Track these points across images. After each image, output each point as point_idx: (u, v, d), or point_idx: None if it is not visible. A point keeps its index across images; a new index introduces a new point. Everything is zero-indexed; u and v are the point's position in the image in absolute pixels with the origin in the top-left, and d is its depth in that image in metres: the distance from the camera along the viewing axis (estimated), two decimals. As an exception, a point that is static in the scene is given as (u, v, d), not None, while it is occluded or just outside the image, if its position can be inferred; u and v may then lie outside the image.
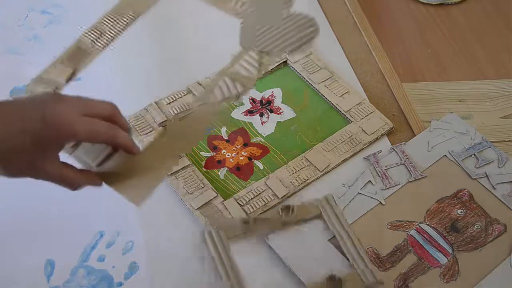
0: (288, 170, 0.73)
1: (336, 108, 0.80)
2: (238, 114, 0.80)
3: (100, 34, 0.70)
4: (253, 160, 0.75)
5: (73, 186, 0.52)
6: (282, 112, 0.80)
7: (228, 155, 0.75)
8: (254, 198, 0.70)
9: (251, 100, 0.81)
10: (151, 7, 0.72)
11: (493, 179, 0.72)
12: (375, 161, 0.74)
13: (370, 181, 0.72)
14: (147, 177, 0.56)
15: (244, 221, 0.67)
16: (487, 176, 0.73)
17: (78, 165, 0.54)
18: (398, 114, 0.80)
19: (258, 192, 0.71)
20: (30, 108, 0.48)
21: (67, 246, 0.68)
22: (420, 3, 0.99)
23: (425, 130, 0.78)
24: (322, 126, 0.78)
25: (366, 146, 0.76)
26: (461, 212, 0.70)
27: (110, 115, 0.53)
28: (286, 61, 0.84)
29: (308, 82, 0.83)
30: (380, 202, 0.71)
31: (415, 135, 0.78)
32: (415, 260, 0.66)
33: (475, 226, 0.69)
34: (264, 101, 0.81)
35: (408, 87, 0.84)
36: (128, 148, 0.54)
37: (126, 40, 0.88)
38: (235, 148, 0.76)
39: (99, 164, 0.55)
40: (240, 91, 0.64)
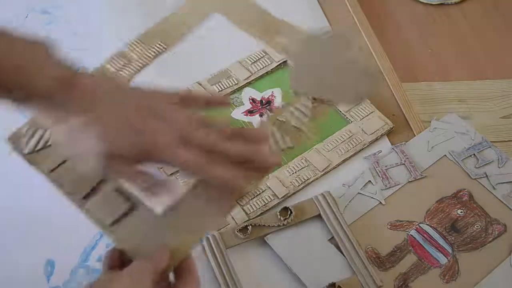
0: (288, 170, 0.73)
1: (336, 108, 0.80)
2: (238, 114, 0.80)
3: (127, 62, 0.61)
4: (253, 160, 0.75)
5: None
6: (282, 112, 0.80)
7: (228, 155, 0.75)
8: (254, 198, 0.70)
9: (251, 100, 0.81)
10: (180, 40, 0.62)
11: (493, 179, 0.72)
12: (375, 161, 0.74)
13: (370, 181, 0.72)
14: (174, 244, 0.47)
15: (243, 232, 0.66)
16: (487, 176, 0.73)
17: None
18: (398, 114, 0.80)
19: (258, 192, 0.71)
20: None
21: (67, 246, 0.68)
22: (420, 3, 0.98)
23: (425, 130, 0.78)
24: (322, 126, 0.78)
25: (366, 146, 0.76)
26: (461, 212, 0.70)
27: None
28: (286, 61, 0.84)
29: (308, 82, 0.83)
30: (380, 202, 0.71)
31: (415, 135, 0.78)
32: (415, 260, 0.66)
33: (475, 226, 0.69)
34: (264, 101, 0.81)
35: (408, 87, 0.84)
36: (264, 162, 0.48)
37: (127, 39, 0.88)
38: (235, 148, 0.76)
39: (114, 223, 0.48)
40: (288, 146, 0.54)
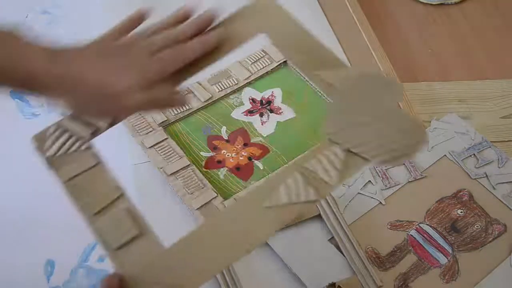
0: (288, 170, 0.73)
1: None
2: (238, 114, 0.80)
3: None
4: (253, 160, 0.75)
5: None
6: (282, 112, 0.80)
7: (228, 155, 0.75)
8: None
9: (251, 100, 0.81)
10: (227, 53, 0.56)
11: (493, 179, 0.72)
12: (375, 161, 0.74)
13: (370, 181, 0.72)
14: (181, 277, 0.45)
15: None
16: (487, 176, 0.73)
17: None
18: (398, 114, 0.80)
19: (258, 192, 0.70)
20: None
21: (67, 246, 0.68)
22: (420, 3, 0.98)
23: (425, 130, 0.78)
24: (322, 126, 0.78)
25: (366, 146, 0.76)
26: (461, 212, 0.70)
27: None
28: (286, 61, 0.84)
29: (308, 82, 0.83)
30: (380, 202, 0.71)
31: (415, 135, 0.77)
32: (415, 260, 0.66)
33: (475, 226, 0.69)
34: (264, 101, 0.81)
35: (408, 87, 0.84)
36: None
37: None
38: (235, 148, 0.76)
39: (120, 247, 0.46)
40: (311, 199, 0.47)
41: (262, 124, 0.79)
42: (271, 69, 0.84)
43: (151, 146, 0.74)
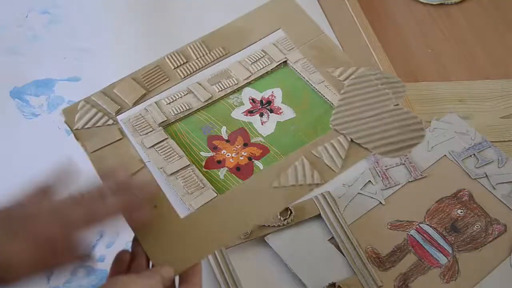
0: (288, 170, 0.73)
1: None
2: (238, 114, 0.80)
3: (185, 61, 0.61)
4: (253, 160, 0.75)
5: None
6: (282, 112, 0.80)
7: (228, 155, 0.75)
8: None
9: (251, 100, 0.81)
10: (243, 49, 0.63)
11: (493, 179, 0.72)
12: (375, 161, 0.74)
13: (370, 181, 0.72)
14: (193, 246, 0.49)
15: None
16: (487, 176, 0.73)
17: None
18: (398, 114, 0.80)
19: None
20: None
21: (67, 246, 0.68)
22: (420, 3, 0.98)
23: (425, 130, 0.77)
24: (322, 126, 0.78)
25: (366, 146, 0.76)
26: (461, 212, 0.70)
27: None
28: (286, 61, 0.84)
29: (308, 82, 0.83)
30: (380, 202, 0.71)
31: (415, 135, 0.78)
32: (415, 260, 0.66)
33: (475, 226, 0.69)
34: (264, 101, 0.81)
35: (408, 87, 0.83)
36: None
37: (127, 40, 0.88)
38: (235, 148, 0.76)
39: None
40: (315, 182, 0.53)
41: (262, 124, 0.79)
42: (271, 69, 0.84)
43: (151, 146, 0.74)
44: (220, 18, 0.66)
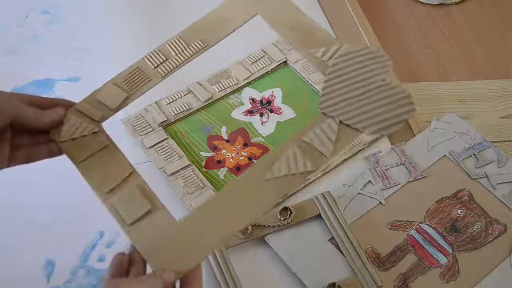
0: (288, 170, 0.73)
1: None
2: (238, 114, 0.80)
3: (164, 59, 0.60)
4: (253, 160, 0.75)
5: None
6: (282, 112, 0.80)
7: (228, 155, 0.75)
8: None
9: (251, 100, 0.81)
10: (222, 39, 0.61)
11: (493, 179, 0.72)
12: (375, 161, 0.74)
13: (370, 181, 0.72)
14: (191, 249, 0.48)
15: (243, 232, 0.66)
16: (487, 176, 0.73)
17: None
18: (398, 114, 0.80)
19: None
20: None
21: (67, 246, 0.68)
22: (420, 3, 0.98)
23: (425, 130, 0.78)
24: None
25: (366, 146, 0.76)
26: (461, 212, 0.70)
27: None
28: (286, 61, 0.84)
29: (308, 82, 0.83)
30: (380, 202, 0.71)
31: (415, 135, 0.78)
32: (415, 260, 0.66)
33: (475, 226, 0.69)
34: (264, 101, 0.81)
35: (408, 87, 0.84)
36: None
37: (127, 40, 0.88)
38: (235, 148, 0.76)
39: (133, 222, 0.49)
40: (308, 170, 0.51)
41: (262, 124, 0.79)
42: (271, 69, 0.84)
43: (151, 146, 0.74)
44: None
